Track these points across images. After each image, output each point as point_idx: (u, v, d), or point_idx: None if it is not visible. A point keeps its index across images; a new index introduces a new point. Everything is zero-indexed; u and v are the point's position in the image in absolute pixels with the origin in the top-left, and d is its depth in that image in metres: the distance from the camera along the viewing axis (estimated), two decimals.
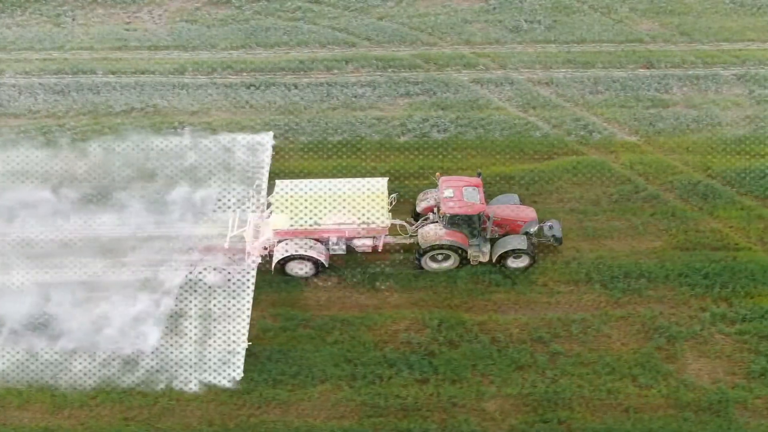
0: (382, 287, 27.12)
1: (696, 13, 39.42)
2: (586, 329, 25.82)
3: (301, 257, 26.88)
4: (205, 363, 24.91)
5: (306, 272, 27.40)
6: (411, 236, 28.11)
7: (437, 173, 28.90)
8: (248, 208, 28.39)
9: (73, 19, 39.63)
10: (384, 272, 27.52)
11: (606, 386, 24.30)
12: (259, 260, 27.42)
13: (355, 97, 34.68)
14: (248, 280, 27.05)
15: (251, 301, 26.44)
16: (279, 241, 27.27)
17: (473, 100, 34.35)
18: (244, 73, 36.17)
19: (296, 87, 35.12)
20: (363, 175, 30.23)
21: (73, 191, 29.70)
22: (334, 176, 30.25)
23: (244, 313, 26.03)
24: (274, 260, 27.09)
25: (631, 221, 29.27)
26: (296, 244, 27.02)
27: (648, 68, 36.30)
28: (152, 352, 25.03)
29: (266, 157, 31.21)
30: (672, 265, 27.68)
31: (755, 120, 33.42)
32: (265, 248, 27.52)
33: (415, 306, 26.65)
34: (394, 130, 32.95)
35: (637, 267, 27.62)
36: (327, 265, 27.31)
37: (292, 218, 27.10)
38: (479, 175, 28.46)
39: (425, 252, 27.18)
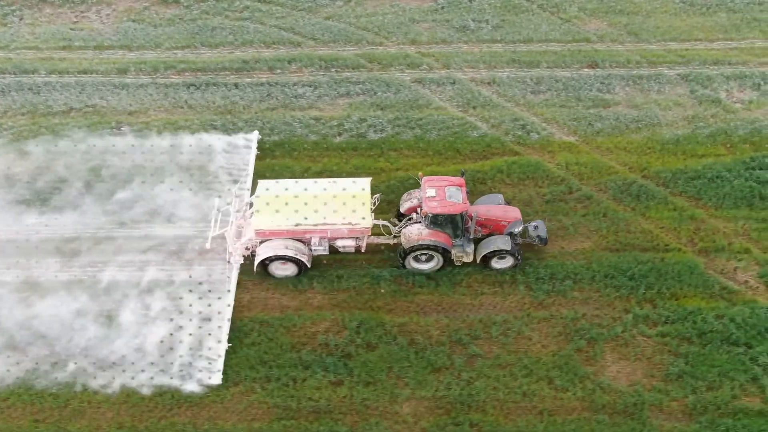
0: (306, 288, 27.04)
1: (645, 13, 39.22)
2: (507, 331, 25.59)
3: (283, 258, 26.65)
4: (184, 365, 24.58)
5: (289, 273, 27.10)
6: (395, 237, 27.80)
7: (420, 173, 28.58)
8: (231, 207, 27.84)
9: (21, 19, 39.45)
10: (308, 274, 27.37)
11: (521, 389, 24.09)
12: (242, 260, 27.12)
13: (295, 97, 34.45)
14: (229, 280, 26.67)
15: (232, 302, 26.09)
16: (261, 242, 26.98)
17: (413, 100, 34.13)
18: (187, 73, 35.97)
19: (237, 87, 34.91)
20: (297, 176, 30.14)
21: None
22: (266, 177, 30.15)
23: (224, 314, 25.66)
24: (256, 261, 26.77)
25: (562, 222, 29.04)
26: (279, 244, 26.68)
27: (593, 68, 36.06)
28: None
29: (251, 157, 30.94)
30: (599, 266, 27.45)
31: (694, 120, 33.17)
32: (248, 248, 27.26)
33: (337, 307, 26.43)
34: (330, 130, 32.73)
35: (564, 268, 27.41)
36: (309, 266, 26.98)
37: (273, 218, 26.71)
38: (462, 174, 28.10)
39: (408, 252, 26.88)
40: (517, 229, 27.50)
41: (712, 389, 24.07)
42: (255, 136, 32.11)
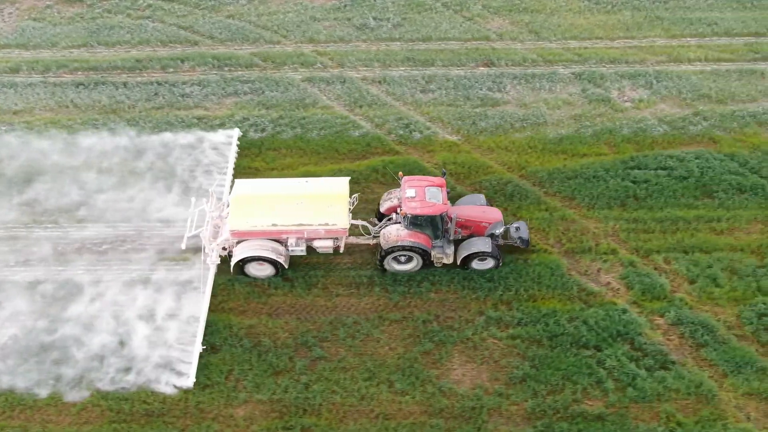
0: None
1: (549, 11, 38.77)
2: (356, 333, 25.16)
3: (260, 259, 26.16)
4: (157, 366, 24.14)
5: (266, 274, 26.66)
6: (374, 237, 27.32)
7: (400, 173, 28.03)
8: (206, 207, 27.25)
9: None
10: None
11: (360, 392, 23.66)
12: (218, 261, 26.58)
13: (183, 96, 34.06)
14: (205, 281, 25.98)
15: (208, 303, 25.47)
16: (238, 242, 26.53)
17: (300, 99, 33.72)
18: (79, 72, 35.59)
19: (126, 86, 34.54)
20: (170, 177, 29.76)
21: None
22: (142, 177, 29.86)
23: (200, 316, 25.07)
24: (232, 261, 26.33)
25: None
26: (255, 245, 26.23)
27: (488, 66, 35.66)
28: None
29: (230, 155, 30.49)
30: (460, 268, 27.16)
31: (581, 119, 32.71)
32: (225, 248, 26.84)
33: None
34: (211, 129, 32.42)
35: (423, 269, 27.05)
36: (287, 267, 26.55)
37: (249, 218, 26.20)
38: (444, 174, 27.62)
39: (387, 253, 26.38)
40: (498, 231, 27.01)
41: (554, 393, 23.62)
42: (236, 133, 31.44)
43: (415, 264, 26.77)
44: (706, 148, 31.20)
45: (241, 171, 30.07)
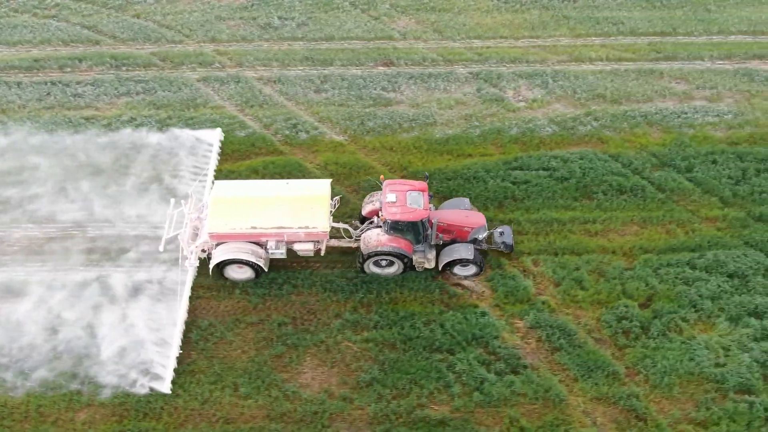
0: None
1: (457, 11, 38.37)
2: (209, 336, 24.81)
3: (238, 262, 25.76)
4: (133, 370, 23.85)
5: (246, 277, 26.23)
6: (356, 240, 26.86)
7: (381, 176, 27.59)
8: (185, 209, 26.78)
9: None
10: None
11: (203, 396, 23.32)
12: (197, 263, 26.24)
13: (75, 96, 33.72)
14: (183, 284, 25.58)
15: (186, 307, 25.16)
16: (217, 244, 26.08)
17: (191, 99, 33.36)
18: None
19: (19, 86, 34.21)
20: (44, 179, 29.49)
21: None
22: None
23: (177, 320, 24.67)
24: (211, 264, 25.91)
25: None
26: (234, 247, 25.77)
27: (387, 66, 35.31)
28: None
29: (212, 155, 30.03)
30: (324, 270, 26.79)
31: (471, 119, 32.34)
32: (204, 251, 26.48)
33: None
34: (98, 130, 31.98)
35: (287, 273, 26.66)
36: (266, 270, 26.12)
37: (228, 221, 25.74)
38: (426, 178, 27.21)
39: (367, 257, 26.00)
40: (481, 236, 26.53)
41: (399, 397, 23.29)
42: (218, 133, 30.97)
43: (396, 268, 26.29)
44: (592, 149, 30.80)
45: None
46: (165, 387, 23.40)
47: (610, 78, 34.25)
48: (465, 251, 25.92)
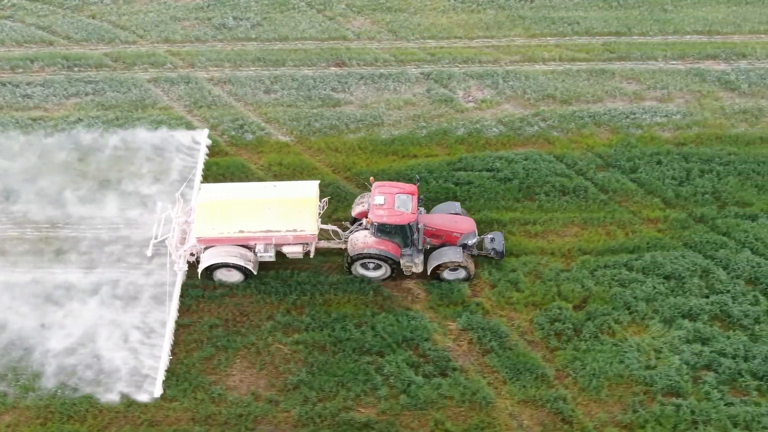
0: None
1: (413, 10, 38.18)
2: None
3: (227, 265, 25.60)
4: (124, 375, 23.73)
5: (235, 280, 26.08)
6: (345, 241, 26.61)
7: (371, 177, 27.41)
8: (173, 213, 26.62)
9: None
10: None
11: (129, 399, 23.27)
12: (186, 267, 26.11)
13: (23, 97, 33.55)
14: (173, 289, 25.43)
15: (176, 312, 25.01)
16: (206, 248, 25.94)
17: (140, 100, 33.23)
18: None
19: None
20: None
21: None
22: None
23: (167, 324, 24.54)
24: (200, 268, 25.80)
25: None
26: (223, 251, 25.62)
27: (339, 66, 35.19)
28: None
29: (199, 157, 29.78)
30: (259, 272, 26.60)
31: (418, 120, 32.18)
32: (193, 254, 26.38)
33: None
34: (44, 131, 31.93)
35: None
36: (255, 273, 25.94)
37: (215, 225, 25.55)
38: (417, 181, 27.00)
39: (354, 260, 25.77)
40: (471, 241, 26.21)
41: (325, 399, 23.18)
42: (205, 134, 30.75)
43: (383, 272, 26.09)
44: (537, 150, 30.67)
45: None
46: (156, 391, 23.22)
47: (561, 78, 34.08)
48: (454, 255, 25.67)
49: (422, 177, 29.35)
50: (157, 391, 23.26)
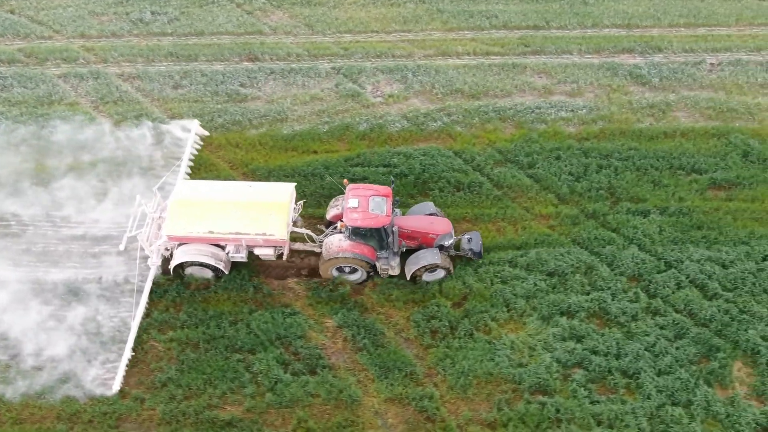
0: None
1: (332, 4, 37.95)
2: None
3: (198, 264, 25.52)
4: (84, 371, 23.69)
5: (208, 277, 25.90)
6: (320, 244, 26.35)
7: (345, 180, 27.12)
8: (147, 208, 26.49)
9: None
10: None
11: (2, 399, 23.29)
12: (159, 262, 25.96)
13: None
14: (143, 285, 25.36)
15: (143, 308, 24.88)
16: (180, 244, 25.86)
17: (46, 96, 32.99)
18: None
19: None
20: None
21: None
22: None
23: (133, 320, 24.43)
24: (171, 265, 25.75)
25: None
26: (195, 249, 25.54)
27: (252, 61, 34.94)
28: None
29: (185, 150, 29.35)
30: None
31: (323, 115, 31.95)
32: (167, 249, 26.27)
33: None
34: None
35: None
36: (227, 272, 25.80)
37: (186, 224, 25.40)
38: (392, 183, 26.74)
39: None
40: (448, 242, 25.93)
41: (192, 397, 23.07)
42: (195, 124, 30.35)
43: (360, 275, 25.91)
44: (437, 145, 30.47)
45: None
46: (115, 386, 23.14)
47: (472, 73, 33.81)
48: (432, 256, 25.41)
49: (318, 173, 29.19)
50: (116, 387, 23.17)
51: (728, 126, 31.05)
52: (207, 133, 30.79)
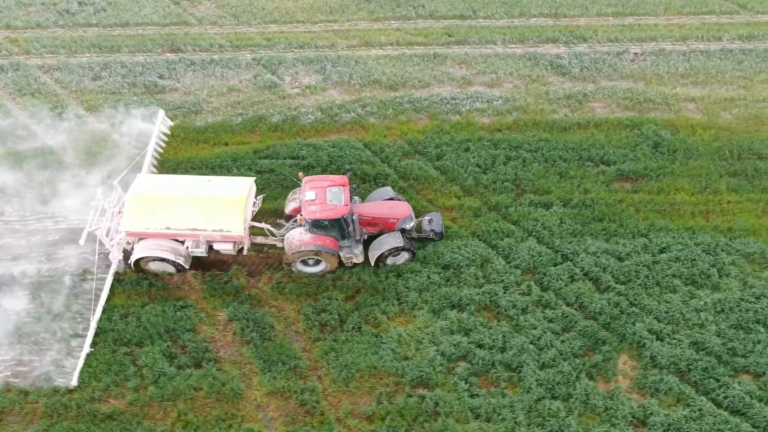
0: None
1: None
2: None
3: (158, 259, 25.51)
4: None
5: (168, 271, 25.92)
6: (281, 238, 26.26)
7: (300, 173, 27.10)
8: (106, 203, 26.22)
9: None
10: None
11: None
12: (120, 256, 25.94)
13: None
14: (103, 280, 25.41)
15: (103, 303, 24.86)
16: (140, 239, 25.85)
17: None
18: None
19: None
20: None
21: None
22: None
23: (93, 315, 24.47)
24: (131, 260, 25.73)
25: None
26: (154, 244, 25.53)
27: (175, 53, 34.78)
28: None
29: (150, 142, 28.91)
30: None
31: (236, 106, 31.85)
32: (129, 243, 26.30)
33: None
34: None
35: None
36: (187, 267, 25.83)
37: (144, 219, 25.33)
38: (348, 171, 26.79)
39: (291, 261, 25.55)
40: (409, 225, 26.07)
41: (75, 391, 23.08)
42: (161, 115, 29.83)
43: (324, 266, 25.84)
44: (348, 137, 30.35)
45: None
46: (72, 381, 23.18)
47: (392, 63, 33.61)
48: (394, 240, 25.48)
49: (225, 166, 29.13)
50: (73, 381, 23.23)
51: (642, 117, 30.89)
52: (171, 123, 30.35)
